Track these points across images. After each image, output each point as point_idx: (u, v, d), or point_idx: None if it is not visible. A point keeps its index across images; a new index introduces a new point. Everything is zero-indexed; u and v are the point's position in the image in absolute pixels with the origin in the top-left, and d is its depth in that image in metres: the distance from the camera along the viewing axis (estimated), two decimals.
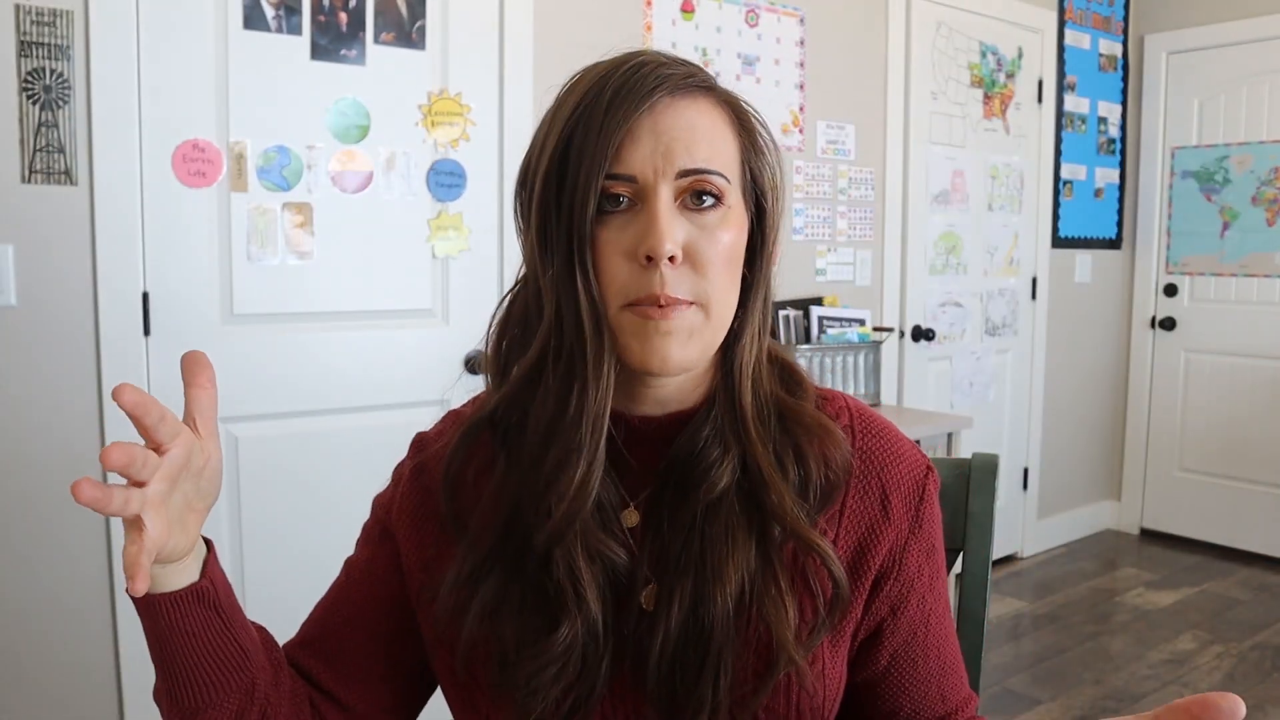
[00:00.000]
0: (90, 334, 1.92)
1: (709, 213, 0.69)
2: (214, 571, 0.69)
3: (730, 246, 0.70)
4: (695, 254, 0.68)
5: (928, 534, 0.78)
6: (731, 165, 0.71)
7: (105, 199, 1.91)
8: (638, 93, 0.67)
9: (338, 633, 0.81)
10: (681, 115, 0.69)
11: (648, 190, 0.67)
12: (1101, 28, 4.01)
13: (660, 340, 0.67)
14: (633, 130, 0.67)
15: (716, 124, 0.71)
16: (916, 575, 0.78)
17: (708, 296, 0.69)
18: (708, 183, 0.68)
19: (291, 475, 2.17)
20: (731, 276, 0.71)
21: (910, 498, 0.77)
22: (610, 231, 0.67)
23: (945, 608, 0.81)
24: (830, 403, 0.79)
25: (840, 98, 3.15)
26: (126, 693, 2.01)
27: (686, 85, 0.69)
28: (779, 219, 0.76)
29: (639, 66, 0.69)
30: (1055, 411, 4.04)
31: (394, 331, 2.29)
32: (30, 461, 1.89)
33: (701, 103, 0.70)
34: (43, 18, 1.83)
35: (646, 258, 0.66)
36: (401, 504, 0.81)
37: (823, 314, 3.02)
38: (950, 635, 0.82)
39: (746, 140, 0.73)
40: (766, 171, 0.74)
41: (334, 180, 2.17)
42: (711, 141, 0.69)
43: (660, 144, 0.67)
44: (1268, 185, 3.80)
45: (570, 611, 0.69)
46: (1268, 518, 3.86)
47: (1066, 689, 2.77)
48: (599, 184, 0.66)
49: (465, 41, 2.33)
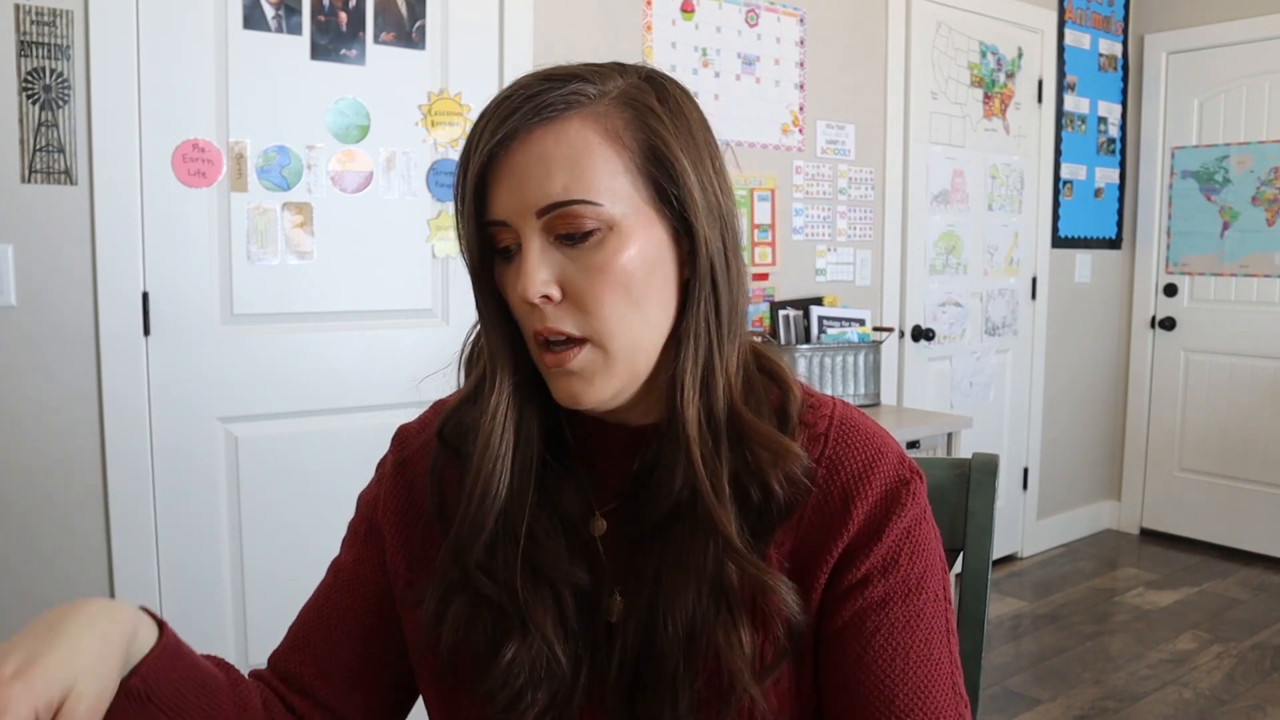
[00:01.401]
0: (90, 334, 1.92)
1: (586, 246, 0.65)
2: (148, 669, 0.64)
3: (625, 273, 0.66)
4: (574, 290, 0.66)
5: (894, 550, 0.70)
6: (611, 181, 0.65)
7: (105, 199, 1.91)
8: (492, 134, 0.65)
9: (327, 635, 0.80)
10: (535, 148, 0.65)
11: (520, 232, 0.66)
12: (1101, 27, 4.01)
13: (565, 381, 0.68)
14: (495, 175, 0.66)
15: (582, 146, 0.65)
16: (879, 602, 0.69)
17: (598, 332, 0.66)
18: (572, 214, 0.64)
19: (291, 475, 2.17)
20: (633, 303, 0.67)
21: (876, 508, 0.70)
22: (508, 277, 0.68)
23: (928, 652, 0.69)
24: (817, 410, 0.74)
25: (840, 98, 3.15)
26: None
27: (547, 113, 0.65)
28: (715, 210, 0.69)
29: (501, 102, 0.66)
30: (1055, 411, 4.04)
31: (394, 331, 2.29)
32: (30, 461, 1.89)
33: (561, 127, 0.65)
34: (43, 18, 1.83)
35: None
36: (386, 500, 0.81)
37: (823, 314, 3.02)
38: (939, 688, 0.69)
39: (639, 142, 0.66)
40: (675, 169, 0.67)
41: (334, 180, 2.18)
42: (573, 167, 0.64)
43: (517, 186, 0.65)
44: (1268, 185, 3.80)
45: (514, 633, 0.69)
46: (1268, 518, 3.86)
47: (1066, 689, 2.77)
48: (472, 236, 0.68)
49: (465, 41, 2.33)
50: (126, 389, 1.96)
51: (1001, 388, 3.82)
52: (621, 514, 0.73)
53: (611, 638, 0.70)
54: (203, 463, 2.07)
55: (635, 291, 0.67)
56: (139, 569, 2.00)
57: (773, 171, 2.98)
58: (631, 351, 0.68)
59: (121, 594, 1.98)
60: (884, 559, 0.70)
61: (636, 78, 0.69)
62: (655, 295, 0.68)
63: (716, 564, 0.67)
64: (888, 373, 3.31)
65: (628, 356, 0.68)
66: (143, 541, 2.00)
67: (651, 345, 0.69)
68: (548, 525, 0.72)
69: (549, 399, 0.71)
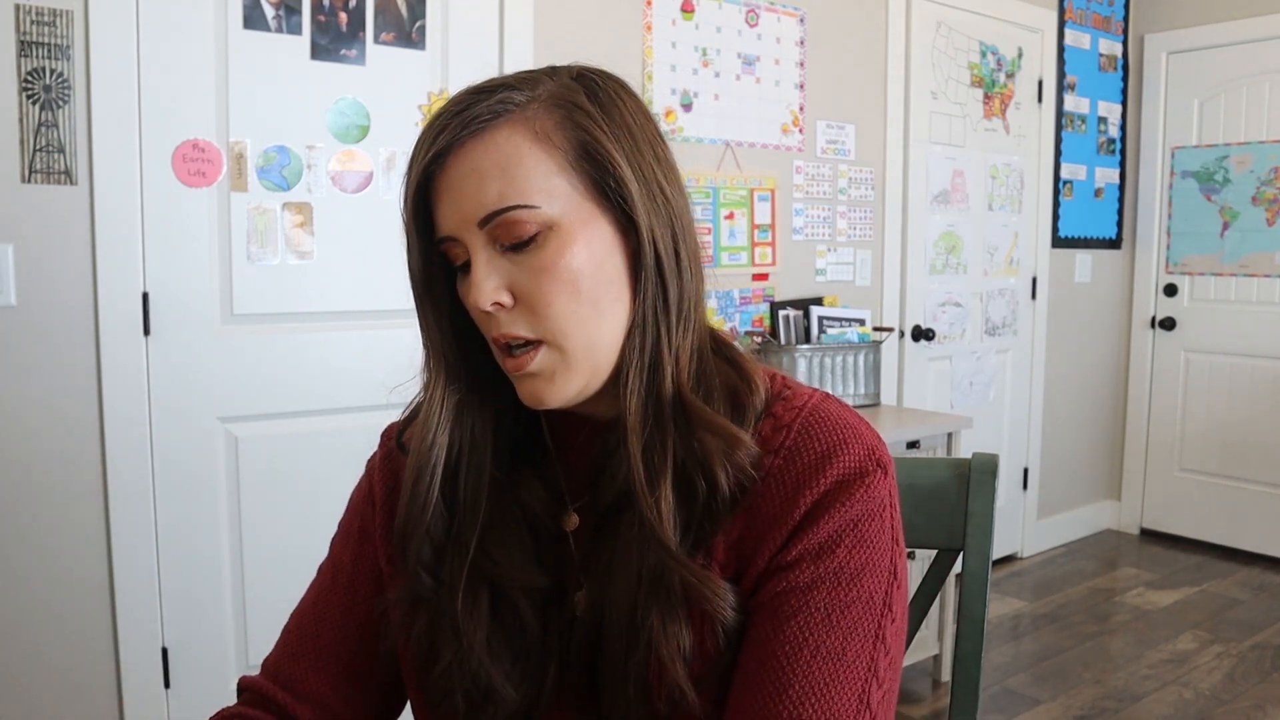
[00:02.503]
0: (90, 334, 1.92)
1: (530, 249, 0.66)
2: None
3: (572, 271, 0.66)
4: (524, 294, 0.67)
5: (833, 538, 0.66)
6: (545, 182, 0.66)
7: (105, 199, 1.91)
8: (425, 153, 0.67)
9: (329, 637, 0.80)
10: (467, 162, 0.66)
11: (468, 244, 0.68)
12: (1101, 27, 4.01)
13: (528, 383, 0.69)
14: (435, 192, 0.68)
15: (512, 151, 0.66)
16: (804, 587, 0.66)
17: (553, 333, 0.67)
18: (511, 220, 0.65)
19: (291, 475, 2.17)
20: (585, 302, 0.67)
21: (824, 495, 0.67)
22: (465, 289, 0.70)
23: (838, 649, 0.64)
24: (790, 400, 0.71)
25: (840, 98, 3.15)
26: (126, 692, 2.01)
27: (474, 127, 0.66)
28: (658, 199, 0.69)
29: (430, 123, 0.68)
30: (1055, 411, 4.04)
31: (394, 331, 2.29)
32: (30, 461, 1.89)
33: (490, 137, 0.66)
34: (43, 18, 1.83)
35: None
36: (376, 495, 0.82)
37: (823, 314, 3.02)
38: (841, 693, 0.64)
39: (571, 140, 0.67)
40: (612, 162, 0.67)
41: (334, 180, 2.17)
42: (504, 173, 0.66)
43: (456, 201, 0.67)
44: (1268, 185, 3.80)
45: (448, 643, 0.71)
46: (1268, 518, 3.86)
47: (1066, 689, 2.77)
48: (416, 253, 0.70)
49: (465, 41, 2.33)
50: (126, 389, 1.96)
51: (1001, 388, 3.82)
52: (590, 508, 0.74)
53: (578, 630, 0.71)
54: (203, 463, 2.07)
55: (584, 288, 0.67)
56: (139, 569, 2.00)
57: (773, 171, 2.98)
58: (589, 348, 0.68)
59: (121, 594, 1.98)
60: (819, 544, 0.66)
61: (567, 78, 0.70)
62: (606, 289, 0.68)
63: (653, 557, 0.67)
64: (888, 373, 3.31)
65: (585, 353, 0.68)
66: (143, 541, 2.00)
67: (611, 338, 0.69)
68: (510, 527, 0.73)
69: (515, 403, 0.73)
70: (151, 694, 2.04)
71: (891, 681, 0.67)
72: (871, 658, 0.65)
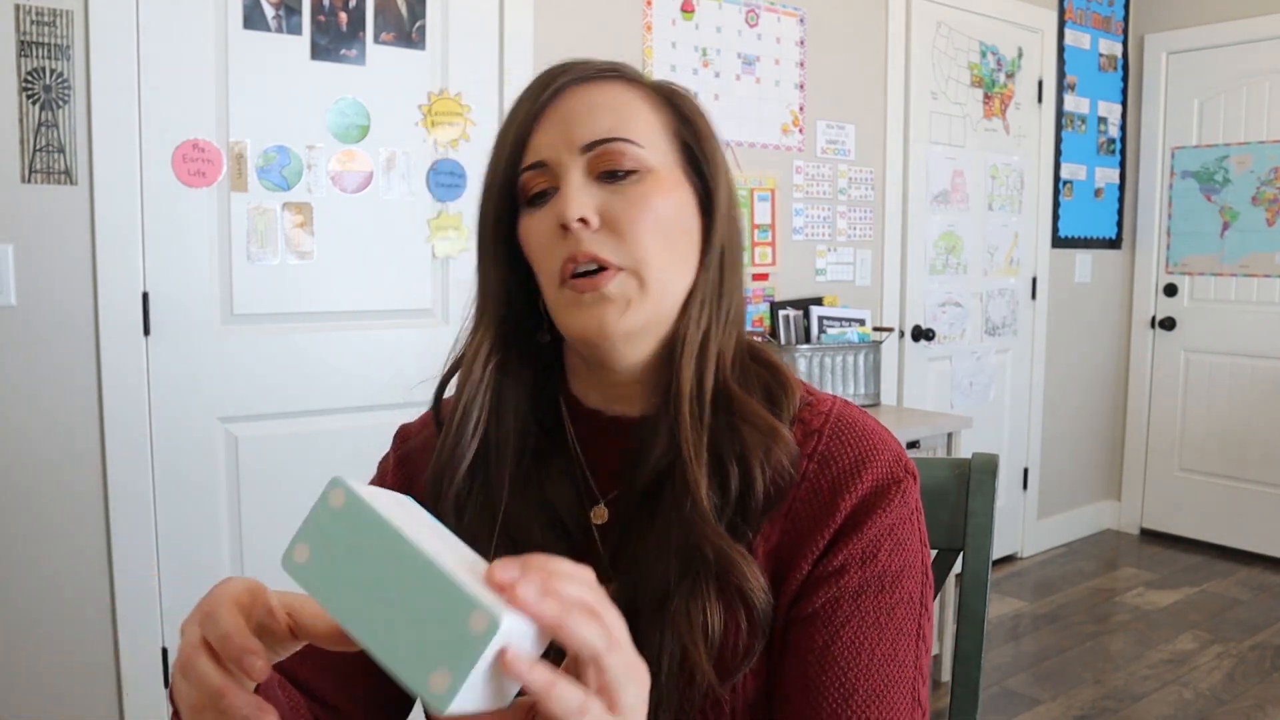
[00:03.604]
0: (90, 334, 1.92)
1: (626, 182, 0.69)
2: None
3: (660, 212, 0.69)
4: (613, 219, 0.68)
5: (875, 543, 0.69)
6: (651, 135, 0.71)
7: (105, 199, 1.91)
8: (542, 85, 0.71)
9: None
10: (586, 97, 0.71)
11: (559, 171, 0.69)
12: (1101, 28, 4.01)
13: (595, 308, 0.69)
14: (540, 120, 0.71)
15: (627, 99, 0.72)
16: (854, 592, 0.68)
17: (636, 261, 0.68)
18: (615, 150, 0.69)
19: (291, 475, 2.17)
20: (668, 244, 0.70)
21: (863, 501, 0.70)
22: (536, 219, 0.70)
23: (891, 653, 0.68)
24: (815, 407, 0.74)
25: (840, 98, 3.15)
26: (126, 692, 2.01)
27: (595, 73, 0.72)
28: (727, 195, 0.74)
29: (554, 66, 0.72)
30: (1055, 411, 4.04)
31: (394, 331, 2.29)
32: (30, 461, 1.89)
33: (611, 85, 0.72)
34: (43, 18, 1.83)
35: (563, 226, 0.68)
36: None
37: (823, 314, 3.02)
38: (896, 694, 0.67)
39: (674, 115, 0.73)
40: (704, 143, 0.74)
41: (334, 180, 2.17)
42: (618, 113, 0.70)
43: (564, 125, 0.70)
44: (1268, 185, 3.80)
45: None
46: (1268, 518, 3.86)
47: (1066, 689, 2.77)
48: (513, 177, 0.71)
49: (465, 41, 2.33)
50: (126, 389, 1.96)
51: (1001, 388, 3.82)
52: (621, 501, 0.74)
53: None
54: (203, 463, 2.07)
55: (669, 234, 0.70)
56: (139, 569, 2.00)
57: (773, 171, 2.98)
58: (662, 285, 0.70)
59: (121, 593, 1.98)
60: (863, 550, 0.69)
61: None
62: (682, 243, 0.71)
63: (687, 528, 0.67)
64: (888, 373, 3.31)
65: (659, 288, 0.70)
66: (143, 541, 2.00)
67: (677, 292, 0.71)
68: (531, 524, 0.73)
69: (541, 396, 0.73)
70: (151, 694, 2.04)
71: (928, 675, 0.71)
72: (916, 655, 0.69)
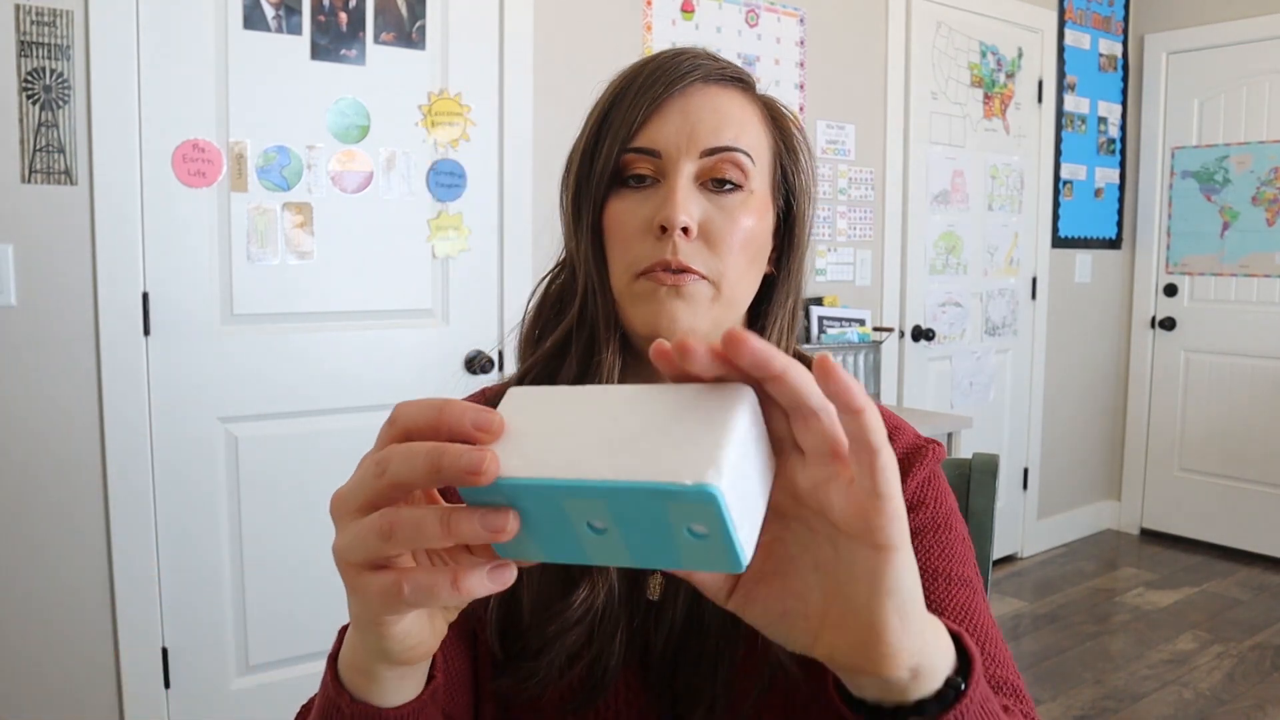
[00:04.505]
0: (90, 334, 1.92)
1: (729, 196, 0.70)
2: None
3: (749, 232, 0.71)
4: (710, 231, 0.70)
5: (919, 492, 0.74)
6: (760, 154, 0.72)
7: (105, 199, 1.91)
8: (670, 74, 0.71)
9: None
10: (712, 100, 0.71)
11: (670, 166, 0.70)
12: (1101, 28, 4.01)
13: (670, 303, 0.69)
14: (662, 108, 0.70)
15: (748, 115, 0.73)
16: (913, 532, 0.70)
17: (720, 274, 0.70)
18: (731, 163, 0.70)
19: (291, 475, 2.17)
20: (748, 261, 0.72)
21: (900, 463, 0.73)
22: (630, 204, 0.70)
23: (966, 577, 0.73)
24: None
25: (840, 98, 3.15)
26: (126, 691, 2.01)
27: (721, 76, 0.72)
28: (810, 221, 0.77)
29: (679, 54, 0.73)
30: (1055, 411, 4.04)
31: (394, 331, 2.29)
32: (30, 461, 1.89)
33: (735, 94, 0.73)
34: (43, 18, 1.83)
35: (661, 228, 0.68)
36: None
37: (823, 314, 3.02)
38: (981, 610, 0.72)
39: (779, 139, 0.75)
40: (800, 175, 0.76)
41: (334, 180, 2.17)
42: (741, 126, 0.71)
43: (687, 123, 0.70)
44: (1268, 185, 3.80)
45: (590, 571, 0.69)
46: (1268, 518, 3.86)
47: (1066, 689, 2.77)
48: (619, 153, 0.70)
49: (465, 41, 2.33)
50: (126, 389, 1.96)
51: (1001, 388, 3.82)
52: None
53: (651, 614, 0.71)
54: (203, 463, 2.07)
55: (751, 253, 0.72)
56: (139, 569, 2.00)
57: None
58: (735, 304, 0.72)
59: (121, 593, 1.98)
60: (911, 498, 0.73)
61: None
62: (756, 267, 0.74)
63: None
64: (888, 373, 3.31)
65: (731, 306, 0.72)
66: (143, 541, 2.00)
67: (742, 303, 0.73)
68: None
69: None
70: (151, 694, 2.04)
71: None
72: (980, 582, 0.73)
